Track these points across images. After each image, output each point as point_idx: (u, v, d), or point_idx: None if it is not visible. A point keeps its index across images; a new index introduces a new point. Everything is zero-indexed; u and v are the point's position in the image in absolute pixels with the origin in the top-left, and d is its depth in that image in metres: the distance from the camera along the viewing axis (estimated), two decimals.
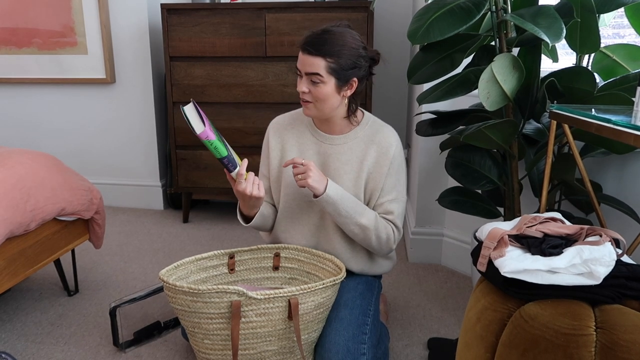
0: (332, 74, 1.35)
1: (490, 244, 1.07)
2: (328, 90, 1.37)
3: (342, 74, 1.36)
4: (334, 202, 1.39)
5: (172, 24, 2.50)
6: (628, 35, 1.79)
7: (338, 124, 1.48)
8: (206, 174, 2.67)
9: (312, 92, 1.37)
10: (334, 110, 1.42)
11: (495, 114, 1.62)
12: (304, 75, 1.37)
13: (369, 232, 1.43)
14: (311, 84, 1.37)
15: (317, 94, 1.37)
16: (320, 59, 1.34)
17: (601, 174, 1.65)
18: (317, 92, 1.37)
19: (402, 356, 1.61)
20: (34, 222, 1.61)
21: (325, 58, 1.34)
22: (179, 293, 1.30)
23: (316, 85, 1.36)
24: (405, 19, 2.88)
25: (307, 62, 1.35)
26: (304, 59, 1.36)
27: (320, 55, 1.34)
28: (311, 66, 1.35)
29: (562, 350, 0.88)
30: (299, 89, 1.38)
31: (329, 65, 1.34)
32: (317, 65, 1.34)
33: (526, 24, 1.28)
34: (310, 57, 1.34)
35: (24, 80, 2.97)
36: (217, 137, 1.30)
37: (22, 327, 1.78)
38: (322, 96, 1.37)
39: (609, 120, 1.09)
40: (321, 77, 1.35)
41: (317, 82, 1.35)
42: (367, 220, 1.42)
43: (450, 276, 2.16)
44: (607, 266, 0.95)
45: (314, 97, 1.38)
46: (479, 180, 1.64)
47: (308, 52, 1.35)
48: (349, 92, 1.41)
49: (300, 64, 1.37)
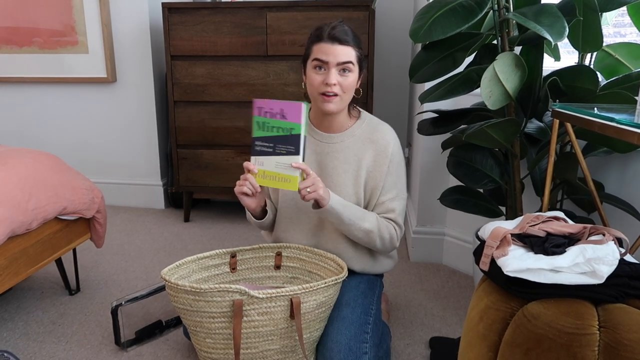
0: (358, 63, 1.39)
1: (493, 243, 1.07)
2: (354, 79, 1.39)
3: (361, 63, 1.40)
4: (337, 212, 1.38)
5: (173, 22, 2.50)
6: (630, 34, 1.78)
7: (340, 120, 1.48)
8: (207, 173, 2.67)
9: (341, 83, 1.37)
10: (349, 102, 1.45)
11: (497, 112, 1.62)
12: (334, 66, 1.35)
13: (373, 235, 1.44)
14: (340, 75, 1.36)
15: (347, 84, 1.37)
16: (351, 48, 1.36)
17: (604, 173, 1.65)
18: (346, 82, 1.37)
19: (404, 355, 1.61)
20: (35, 221, 1.61)
21: (354, 47, 1.37)
22: (181, 292, 1.30)
23: (345, 76, 1.37)
24: (407, 17, 2.87)
25: (341, 52, 1.34)
26: (334, 49, 1.34)
27: (351, 45, 1.36)
28: (346, 55, 1.35)
29: (565, 349, 0.88)
30: (329, 81, 1.35)
31: (357, 54, 1.38)
32: (350, 54, 1.36)
33: (528, 23, 1.28)
34: (343, 47, 1.35)
35: (25, 79, 2.96)
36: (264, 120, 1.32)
37: (24, 326, 1.78)
38: (351, 86, 1.38)
39: (612, 119, 1.09)
40: (352, 66, 1.37)
41: (348, 71, 1.36)
42: (369, 224, 1.42)
43: (451, 275, 2.16)
44: (610, 265, 0.95)
45: (343, 88, 1.37)
46: (480, 179, 1.64)
47: (339, 41, 1.34)
48: (359, 83, 1.44)
49: (329, 55, 1.34)
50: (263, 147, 1.33)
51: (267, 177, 1.35)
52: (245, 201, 1.41)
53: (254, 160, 1.35)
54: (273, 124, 1.32)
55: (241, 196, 1.39)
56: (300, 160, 1.31)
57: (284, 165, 1.32)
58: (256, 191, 1.37)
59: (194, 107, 2.60)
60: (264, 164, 1.34)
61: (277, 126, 1.31)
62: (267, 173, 1.34)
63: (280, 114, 1.30)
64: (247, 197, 1.39)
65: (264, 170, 1.34)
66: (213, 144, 2.64)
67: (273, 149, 1.33)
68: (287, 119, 1.30)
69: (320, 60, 1.35)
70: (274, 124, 1.31)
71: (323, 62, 1.35)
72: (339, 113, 1.45)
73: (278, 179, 1.33)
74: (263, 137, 1.33)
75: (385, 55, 2.95)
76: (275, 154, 1.33)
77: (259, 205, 1.46)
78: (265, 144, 1.33)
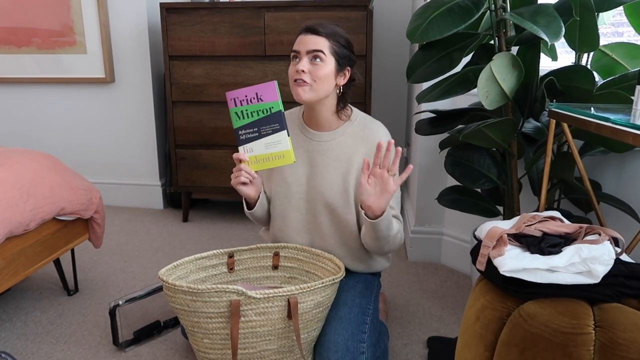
0: (333, 55, 1.39)
1: (490, 243, 1.07)
2: (327, 70, 1.39)
3: (341, 57, 1.41)
4: (388, 220, 1.34)
5: (171, 23, 2.50)
6: (627, 33, 1.78)
7: (327, 119, 1.48)
8: (206, 173, 2.67)
9: (312, 72, 1.38)
10: (327, 94, 1.42)
11: (494, 112, 1.62)
12: (305, 54, 1.38)
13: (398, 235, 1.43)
14: (311, 64, 1.38)
15: (317, 73, 1.38)
16: (324, 39, 1.38)
17: (600, 173, 1.65)
18: (317, 71, 1.38)
19: (402, 355, 1.62)
20: (33, 221, 1.61)
21: (328, 39, 1.39)
22: (178, 292, 1.31)
23: (317, 65, 1.38)
24: (405, 17, 2.88)
25: (311, 41, 1.38)
26: (306, 39, 1.38)
27: (324, 36, 1.39)
28: (315, 44, 1.37)
29: (561, 348, 0.88)
30: (298, 68, 1.37)
31: (331, 45, 1.39)
32: (321, 44, 1.38)
33: (525, 23, 1.28)
34: (315, 37, 1.38)
35: (23, 79, 2.96)
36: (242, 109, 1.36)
37: (22, 326, 1.78)
38: (322, 75, 1.38)
39: (608, 119, 1.09)
40: (324, 55, 1.38)
41: (318, 61, 1.38)
42: (397, 225, 1.42)
43: (449, 275, 2.16)
44: (606, 265, 0.95)
45: (313, 76, 1.38)
46: (478, 179, 1.64)
47: (312, 32, 1.38)
48: (343, 80, 1.44)
49: (300, 44, 1.39)
50: (248, 134, 1.39)
51: (260, 161, 1.40)
52: (244, 191, 1.44)
53: (242, 150, 1.40)
54: (251, 109, 1.37)
55: (239, 187, 1.43)
56: (286, 134, 1.36)
57: (274, 143, 1.38)
58: (253, 178, 1.43)
59: (193, 107, 2.60)
60: (253, 150, 1.40)
61: (256, 110, 1.36)
62: (259, 157, 1.40)
63: (256, 98, 1.35)
64: (245, 186, 1.44)
65: (255, 155, 1.40)
66: (211, 144, 2.64)
67: (258, 132, 1.38)
68: (265, 100, 1.35)
69: (294, 51, 1.41)
70: (253, 109, 1.37)
71: (296, 52, 1.40)
72: (323, 110, 1.45)
73: (272, 159, 1.39)
74: (245, 125, 1.38)
75: (383, 55, 2.95)
76: (261, 137, 1.38)
77: (258, 191, 1.49)
78: (249, 130, 1.38)
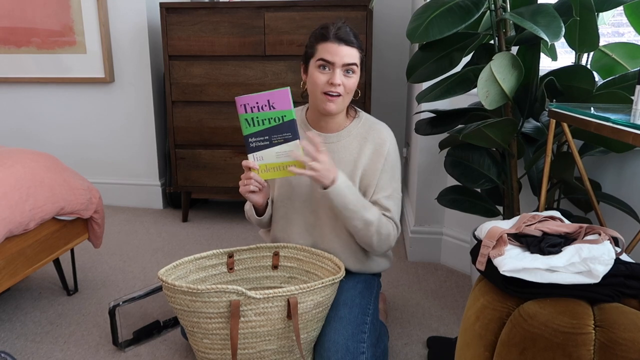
0: (360, 66, 1.40)
1: (490, 243, 1.07)
2: (356, 80, 1.41)
3: (363, 65, 1.42)
4: (344, 195, 1.36)
5: (171, 22, 2.50)
6: (628, 33, 1.78)
7: (338, 119, 1.48)
8: (205, 173, 2.67)
9: (345, 84, 1.38)
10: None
11: (494, 112, 1.62)
12: (340, 67, 1.36)
13: (372, 227, 1.41)
14: (344, 75, 1.37)
15: (350, 86, 1.38)
16: (356, 50, 1.38)
17: (600, 173, 1.65)
18: (349, 83, 1.38)
19: (402, 355, 1.62)
20: (33, 221, 1.61)
21: (359, 49, 1.39)
22: (177, 293, 1.30)
23: (349, 77, 1.38)
24: (405, 17, 2.88)
25: (347, 53, 1.36)
26: (340, 50, 1.35)
27: (356, 47, 1.38)
28: (350, 57, 1.36)
29: (561, 348, 0.88)
30: (334, 81, 1.35)
31: (360, 56, 1.40)
32: (355, 56, 1.38)
33: (525, 23, 1.28)
34: (349, 48, 1.36)
35: (23, 79, 2.96)
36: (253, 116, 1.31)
37: (22, 326, 1.78)
38: (353, 87, 1.40)
39: (608, 119, 1.09)
40: (356, 68, 1.38)
41: (351, 73, 1.38)
42: (372, 216, 1.41)
43: (449, 275, 2.16)
44: (606, 265, 0.95)
45: (346, 89, 1.38)
46: (478, 179, 1.64)
47: (345, 42, 1.36)
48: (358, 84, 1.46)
49: (335, 55, 1.35)
50: (258, 142, 1.34)
51: (270, 170, 1.36)
52: (253, 198, 1.43)
53: (252, 158, 1.36)
54: (263, 117, 1.31)
55: (248, 195, 1.42)
56: (298, 144, 1.32)
57: (285, 153, 1.33)
58: (262, 187, 1.42)
59: (192, 107, 2.60)
60: (263, 158, 1.35)
61: (267, 117, 1.31)
62: (269, 166, 1.36)
63: (268, 105, 1.30)
64: (253, 194, 1.42)
65: (265, 164, 1.36)
66: (211, 144, 2.64)
67: (269, 140, 1.33)
68: (277, 108, 1.30)
69: (325, 60, 1.36)
70: (264, 116, 1.31)
71: (328, 62, 1.36)
72: (338, 114, 1.46)
73: (282, 168, 1.35)
74: (255, 133, 1.33)
75: (383, 55, 2.95)
76: (273, 145, 1.33)
77: (266, 197, 1.48)
78: (259, 138, 1.33)
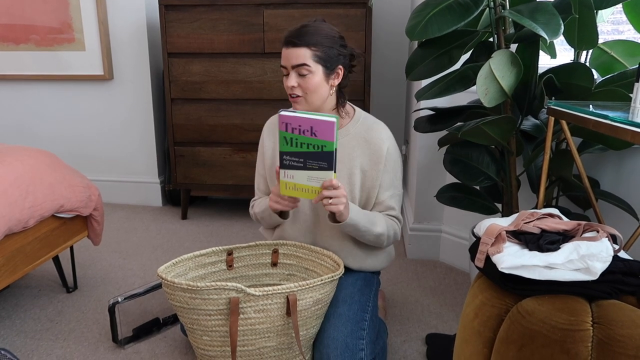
0: (319, 62, 1.37)
1: (488, 240, 1.07)
2: (317, 79, 1.37)
3: (328, 61, 1.38)
4: (354, 225, 1.39)
5: (170, 20, 2.49)
6: (627, 31, 1.78)
7: None
8: (205, 170, 2.67)
9: (302, 85, 1.38)
10: (324, 101, 1.43)
11: (493, 110, 1.62)
12: (291, 69, 1.37)
13: (383, 237, 1.47)
14: (299, 77, 1.37)
15: (307, 85, 1.37)
16: (304, 49, 1.35)
17: (599, 170, 1.65)
18: (306, 83, 1.37)
19: (401, 352, 1.62)
20: (32, 218, 1.61)
21: (309, 47, 1.35)
22: (177, 290, 1.31)
23: (305, 77, 1.37)
24: (404, 15, 2.87)
25: (293, 55, 1.36)
26: (288, 53, 1.37)
27: (304, 46, 1.35)
28: (297, 58, 1.35)
29: (559, 345, 0.89)
30: (288, 85, 1.38)
31: (314, 53, 1.36)
32: (303, 56, 1.35)
33: (524, 20, 1.28)
34: (295, 49, 1.35)
35: (21, 76, 2.96)
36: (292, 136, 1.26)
37: (21, 323, 1.78)
38: (312, 87, 1.38)
39: (606, 117, 1.09)
40: (309, 67, 1.36)
41: (305, 73, 1.36)
42: (380, 228, 1.45)
43: (448, 272, 2.16)
44: (604, 262, 0.95)
45: (303, 89, 1.38)
46: (477, 176, 1.64)
47: (292, 44, 1.36)
48: (337, 80, 1.43)
49: (285, 59, 1.38)
50: (292, 161, 1.29)
51: (298, 190, 1.33)
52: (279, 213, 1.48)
53: (282, 173, 1.32)
54: (302, 140, 1.25)
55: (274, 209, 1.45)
56: (332, 175, 1.28)
57: (317, 179, 1.29)
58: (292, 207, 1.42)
59: (191, 104, 2.60)
60: (294, 177, 1.31)
61: (307, 142, 1.25)
62: (298, 186, 1.32)
63: (310, 132, 1.24)
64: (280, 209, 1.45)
65: (294, 183, 1.32)
66: (210, 142, 2.64)
67: (304, 163, 1.28)
68: (318, 137, 1.23)
69: (282, 66, 1.40)
70: (304, 141, 1.25)
71: (284, 67, 1.39)
72: (323, 111, 1.45)
73: (309, 191, 1.32)
74: (292, 152, 1.28)
75: (382, 52, 2.95)
76: (306, 169, 1.29)
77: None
78: (294, 158, 1.28)
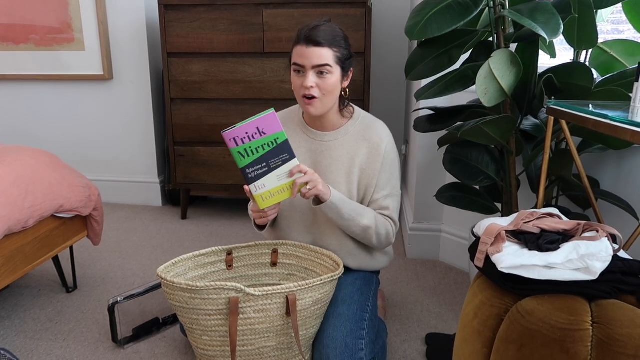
0: (338, 64, 1.36)
1: (488, 240, 1.07)
2: (334, 80, 1.37)
3: (344, 63, 1.38)
4: (337, 208, 1.39)
5: (170, 20, 2.49)
6: (627, 31, 1.78)
7: (331, 119, 1.47)
8: (204, 170, 2.67)
9: (320, 85, 1.35)
10: (335, 103, 1.43)
11: (493, 110, 1.62)
12: (310, 69, 1.34)
13: (371, 231, 1.44)
14: (318, 77, 1.35)
15: (326, 86, 1.36)
16: (327, 49, 1.34)
17: (598, 170, 1.65)
18: (325, 84, 1.35)
19: (400, 351, 1.62)
20: (32, 218, 1.61)
21: (331, 48, 1.34)
22: (176, 290, 1.31)
23: (324, 78, 1.35)
24: (403, 14, 2.87)
25: (315, 54, 1.33)
26: (309, 52, 1.33)
27: (327, 46, 1.34)
28: (320, 58, 1.33)
29: (559, 345, 0.89)
30: (306, 84, 1.34)
31: (335, 54, 1.35)
32: (326, 56, 1.34)
33: (524, 20, 1.28)
34: (318, 49, 1.33)
35: (21, 76, 2.96)
36: (245, 147, 1.26)
37: (21, 323, 1.78)
38: (331, 87, 1.36)
39: (606, 116, 1.09)
40: (330, 68, 1.34)
41: (325, 73, 1.35)
42: (368, 221, 1.43)
43: (448, 272, 2.16)
44: (603, 261, 0.95)
45: (322, 90, 1.36)
46: (476, 176, 1.64)
47: (315, 43, 1.33)
48: (346, 82, 1.43)
49: (303, 58, 1.34)
50: (256, 171, 1.29)
51: (274, 195, 1.33)
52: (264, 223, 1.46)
53: (253, 188, 1.31)
54: (255, 145, 1.26)
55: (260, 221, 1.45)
56: (296, 162, 1.30)
57: (286, 174, 1.30)
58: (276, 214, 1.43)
59: (191, 104, 2.60)
60: (265, 185, 1.31)
61: (260, 144, 1.26)
62: (272, 191, 1.32)
63: (258, 133, 1.25)
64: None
65: (268, 191, 1.32)
66: (210, 142, 2.64)
67: (267, 166, 1.29)
68: (268, 133, 1.25)
69: (297, 64, 1.36)
70: (257, 144, 1.26)
71: (300, 66, 1.35)
72: (328, 112, 1.45)
73: (284, 190, 1.32)
74: (252, 162, 1.28)
75: (382, 52, 2.94)
76: (272, 170, 1.29)
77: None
78: (257, 167, 1.28)
